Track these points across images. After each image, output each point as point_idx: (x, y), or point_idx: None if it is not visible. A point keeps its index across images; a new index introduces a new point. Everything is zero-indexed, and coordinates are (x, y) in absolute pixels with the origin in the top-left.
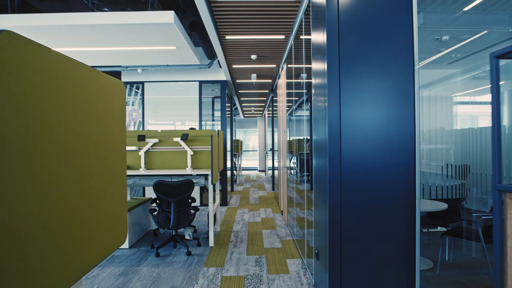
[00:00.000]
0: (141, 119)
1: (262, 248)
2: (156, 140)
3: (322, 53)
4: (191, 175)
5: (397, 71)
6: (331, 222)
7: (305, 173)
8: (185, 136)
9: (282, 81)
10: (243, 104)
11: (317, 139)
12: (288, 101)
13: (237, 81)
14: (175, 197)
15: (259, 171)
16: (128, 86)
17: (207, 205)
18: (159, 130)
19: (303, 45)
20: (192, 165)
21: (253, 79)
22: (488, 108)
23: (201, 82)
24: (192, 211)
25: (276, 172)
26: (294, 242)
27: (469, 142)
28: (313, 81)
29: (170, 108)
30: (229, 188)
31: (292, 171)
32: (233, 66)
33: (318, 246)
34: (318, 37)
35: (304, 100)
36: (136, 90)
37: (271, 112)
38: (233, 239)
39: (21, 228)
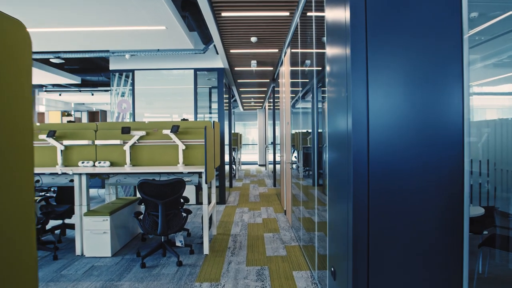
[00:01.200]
0: (131, 111)
1: (264, 257)
2: (142, 133)
3: (342, 33)
4: (182, 173)
5: (439, 43)
6: (356, 228)
7: (315, 169)
8: (175, 128)
9: (285, 69)
10: (242, 96)
11: (335, 131)
12: (291, 92)
13: (235, 68)
14: (163, 198)
15: (259, 165)
16: (117, 74)
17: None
18: (146, 121)
19: (313, 24)
20: (184, 161)
21: (253, 66)
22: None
23: (196, 70)
24: (184, 214)
25: (277, 166)
26: (301, 248)
27: (493, 135)
28: (328, 67)
29: (165, 99)
30: (227, 184)
31: (293, 165)
32: (231, 51)
33: (333, 257)
34: (337, 13)
35: (315, 88)
36: (126, 78)
37: (271, 104)
38: (231, 245)
39: None
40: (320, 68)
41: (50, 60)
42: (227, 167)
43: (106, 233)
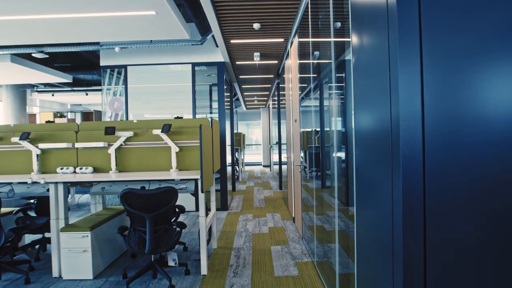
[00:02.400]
0: (124, 110)
1: (272, 278)
2: (130, 134)
3: (381, 9)
4: (173, 180)
5: None
6: (407, 239)
7: (334, 171)
8: (166, 128)
9: (291, 62)
10: (245, 93)
11: (365, 128)
12: (299, 86)
13: (237, 63)
14: (151, 211)
15: (264, 166)
16: (108, 71)
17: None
18: (134, 120)
19: (330, 4)
20: (178, 166)
21: (256, 59)
22: None
23: (194, 65)
24: (177, 229)
25: (284, 167)
26: (315, 266)
27: None
28: (354, 58)
29: (161, 98)
30: (230, 187)
31: (302, 167)
32: (232, 41)
33: (365, 278)
34: None
35: (334, 79)
36: (118, 75)
37: (276, 102)
38: (234, 262)
39: None
40: (329, 61)
41: (33, 55)
42: (229, 169)
43: (87, 251)
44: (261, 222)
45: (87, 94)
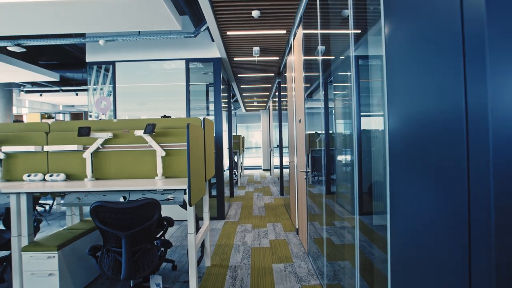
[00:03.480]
0: (111, 110)
1: None
2: (108, 135)
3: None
4: (154, 191)
5: None
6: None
7: (354, 176)
8: (150, 128)
9: (295, 57)
10: (244, 94)
11: (409, 123)
12: (305, 80)
13: (234, 59)
14: (127, 229)
15: (264, 170)
16: (95, 68)
17: (201, 218)
18: (114, 120)
19: None
20: (165, 172)
21: (255, 54)
22: None
23: (188, 61)
24: (161, 249)
25: (285, 171)
26: None
27: None
28: (387, 47)
29: (153, 97)
30: (228, 193)
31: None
32: (228, 33)
33: None
34: None
35: (355, 75)
36: (106, 72)
37: (277, 103)
38: (230, 285)
39: None
40: (345, 55)
41: (8, 48)
42: (227, 173)
43: (53, 275)
44: (261, 234)
45: (77, 94)
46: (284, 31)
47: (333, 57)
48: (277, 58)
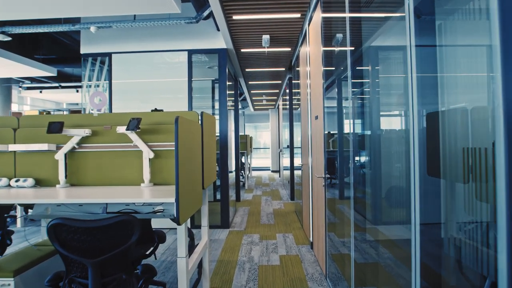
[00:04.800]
0: (107, 106)
1: None
2: (86, 132)
3: None
4: (134, 204)
5: None
6: None
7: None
8: (134, 124)
9: (311, 48)
10: (252, 92)
11: None
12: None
13: (242, 50)
14: (95, 255)
15: (272, 171)
16: (90, 60)
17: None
18: (94, 114)
19: None
20: (153, 178)
21: (265, 44)
22: None
23: (190, 52)
24: (140, 279)
25: (296, 172)
26: None
27: None
28: None
29: (157, 92)
30: (233, 197)
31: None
32: (234, 17)
33: None
34: None
35: (411, 69)
36: (101, 65)
37: (287, 101)
38: None
39: None
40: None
41: None
42: (232, 175)
43: None
44: (270, 247)
45: (77, 91)
46: (298, 15)
47: (363, 46)
48: (289, 49)
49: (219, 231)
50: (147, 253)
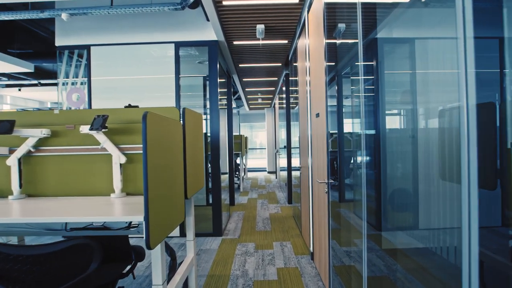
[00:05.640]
0: (86, 104)
1: None
2: (43, 133)
3: None
4: (90, 224)
5: None
6: None
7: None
8: (99, 122)
9: (310, 40)
10: (247, 90)
11: None
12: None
13: (234, 43)
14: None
15: (268, 172)
16: (67, 53)
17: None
18: (56, 111)
19: None
20: (125, 187)
21: (260, 35)
22: None
23: (178, 44)
24: None
25: (294, 173)
26: None
27: None
28: None
29: (146, 96)
30: (227, 201)
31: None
32: (224, 2)
33: None
34: None
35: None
36: (79, 59)
37: (283, 100)
38: None
39: None
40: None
41: None
42: (224, 177)
43: None
44: (266, 258)
45: None
46: (296, 0)
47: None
48: (286, 41)
49: (211, 239)
50: (124, 271)
